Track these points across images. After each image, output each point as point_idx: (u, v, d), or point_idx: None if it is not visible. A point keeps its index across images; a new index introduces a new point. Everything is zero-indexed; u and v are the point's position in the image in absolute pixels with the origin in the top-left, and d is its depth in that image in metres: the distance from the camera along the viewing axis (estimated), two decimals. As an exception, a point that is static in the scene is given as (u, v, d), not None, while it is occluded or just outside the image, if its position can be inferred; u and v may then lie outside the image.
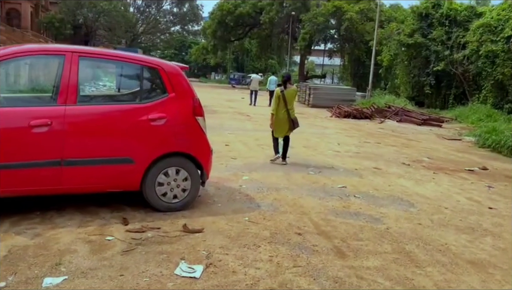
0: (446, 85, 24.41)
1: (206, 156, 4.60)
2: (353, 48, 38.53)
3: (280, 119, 7.69)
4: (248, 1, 45.29)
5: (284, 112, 7.65)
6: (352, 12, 36.71)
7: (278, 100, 7.62)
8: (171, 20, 65.75)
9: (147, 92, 4.38)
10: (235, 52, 63.93)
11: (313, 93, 23.66)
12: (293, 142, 10.13)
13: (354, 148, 10.11)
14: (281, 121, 7.71)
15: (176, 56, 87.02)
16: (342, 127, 14.91)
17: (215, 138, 9.84)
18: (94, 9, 48.52)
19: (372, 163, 8.21)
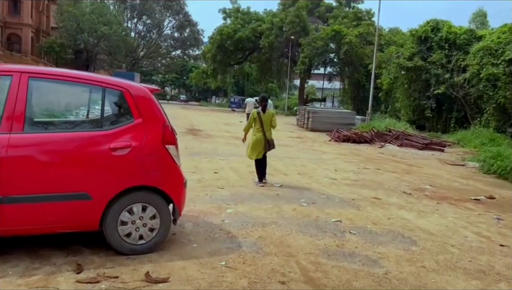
0: (447, 108, 23.99)
1: (178, 190, 4.05)
2: (352, 71, 38.43)
3: (256, 140, 7.71)
4: (248, 26, 45.53)
5: (261, 134, 7.68)
6: (351, 36, 36.74)
7: (254, 121, 7.71)
8: (172, 44, 66.30)
9: (110, 117, 3.86)
10: (235, 76, 64.10)
11: (312, 116, 23.23)
12: (287, 169, 9.64)
13: (352, 175, 9.55)
14: (257, 142, 7.71)
15: (177, 80, 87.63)
16: (341, 152, 14.37)
17: (204, 165, 9.37)
18: (95, 33, 48.81)
19: (370, 192, 7.63)
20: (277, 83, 61.29)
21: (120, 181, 3.68)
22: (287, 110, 47.34)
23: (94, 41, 50.39)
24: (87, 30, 48.59)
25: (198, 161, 9.80)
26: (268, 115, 7.83)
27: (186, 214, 5.20)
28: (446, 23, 25.05)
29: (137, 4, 60.01)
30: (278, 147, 14.51)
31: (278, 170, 9.42)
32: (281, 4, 47.57)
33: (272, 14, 45.14)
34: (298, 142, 16.48)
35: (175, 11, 62.46)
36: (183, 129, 18.47)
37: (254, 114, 7.73)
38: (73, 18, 48.70)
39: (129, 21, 62.31)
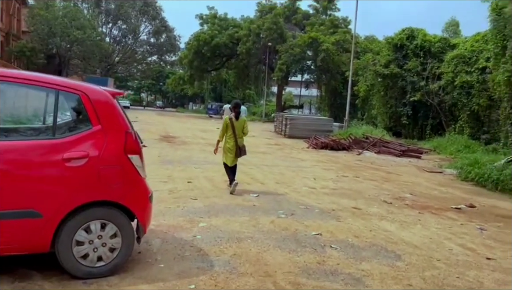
0: (423, 115, 24.22)
1: (142, 205, 3.64)
2: (329, 78, 38.57)
3: (230, 147, 7.71)
4: (225, 32, 45.25)
5: (233, 141, 7.69)
6: (328, 43, 36.90)
7: (227, 127, 7.70)
8: (148, 50, 65.31)
9: (64, 124, 3.43)
10: (212, 82, 63.68)
11: (289, 123, 23.03)
12: (265, 178, 9.29)
13: (331, 183, 9.28)
14: (230, 148, 7.71)
15: (154, 86, 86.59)
16: (319, 159, 14.14)
17: (178, 174, 8.92)
18: (67, 38, 47.51)
19: (350, 202, 7.36)
20: (255, 89, 61.18)
21: (75, 196, 3.25)
22: (265, 117, 47.18)
23: (67, 46, 49.04)
24: (59, 34, 47.24)
25: (171, 169, 9.36)
26: (241, 122, 7.80)
27: (154, 229, 4.79)
28: (421, 32, 25.37)
29: (112, 9, 58.93)
30: (255, 154, 14.24)
31: (255, 178, 9.07)
32: (258, 11, 47.54)
33: (249, 21, 45.02)
34: (276, 149, 16.19)
35: (151, 16, 61.57)
36: (157, 136, 17.95)
37: (226, 120, 7.71)
38: (44, 22, 47.32)
39: (103, 26, 61.09)
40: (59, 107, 3.30)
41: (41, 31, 48.07)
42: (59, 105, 3.30)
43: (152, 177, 8.02)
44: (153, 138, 16.91)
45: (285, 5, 46.18)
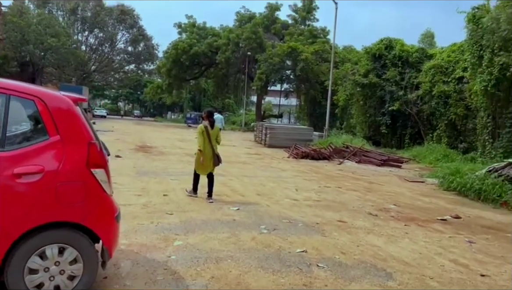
0: (401, 124, 24.35)
1: (107, 225, 3.22)
2: (309, 88, 38.63)
3: (205, 155, 7.60)
4: (204, 41, 44.96)
5: (209, 148, 7.62)
6: (307, 53, 37.01)
7: (203, 136, 7.58)
8: (126, 58, 64.35)
9: (16, 134, 3.01)
10: (191, 92, 63.15)
11: (269, 133, 22.76)
12: (245, 189, 8.92)
13: (314, 194, 8.97)
14: (206, 157, 7.61)
15: (132, 95, 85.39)
16: (300, 169, 13.86)
17: (153, 186, 8.45)
18: (41, 45, 46.29)
19: (335, 215, 7.05)
20: (234, 99, 60.95)
21: (28, 217, 2.81)
22: (245, 126, 46.89)
23: (41, 54, 47.76)
24: (32, 42, 45.97)
25: (146, 181, 8.88)
26: (215, 131, 7.79)
27: (124, 250, 4.36)
28: (398, 42, 25.63)
29: (88, 17, 57.88)
30: (235, 164, 13.87)
31: (235, 190, 8.68)
32: (237, 20, 47.47)
33: (228, 30, 44.86)
34: (256, 159, 15.85)
35: (128, 25, 60.77)
36: (133, 146, 17.38)
37: (201, 128, 7.61)
38: (17, 29, 46.01)
39: (79, 34, 59.92)
40: (9, 114, 2.87)
41: (14, 38, 46.71)
42: (9, 112, 2.87)
43: (125, 190, 7.56)
44: (129, 148, 16.34)
45: (264, 14, 46.26)
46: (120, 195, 6.99)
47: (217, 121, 23.70)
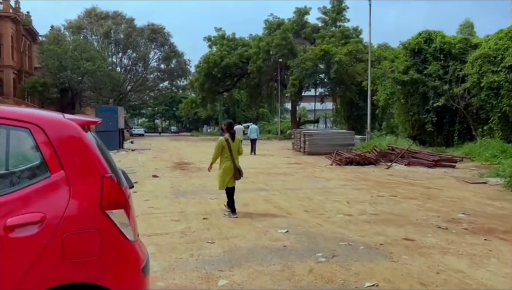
0: (448, 121, 22.85)
1: (132, 282, 2.49)
2: (344, 90, 37.48)
3: (225, 169, 7.26)
4: (234, 52, 44.72)
5: (230, 162, 7.27)
6: (340, 54, 35.94)
7: (222, 149, 7.26)
8: (159, 76, 65.46)
9: (7, 173, 2.38)
10: (225, 104, 63.15)
11: (308, 139, 21.86)
12: (291, 205, 8.12)
13: (369, 206, 8.05)
14: (226, 171, 7.25)
15: (167, 112, 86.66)
16: (347, 177, 12.91)
17: (192, 208, 7.80)
18: (78, 70, 47.61)
19: (398, 231, 6.13)
20: (268, 107, 60.37)
21: (26, 281, 2.15)
22: (281, 134, 46.11)
23: (78, 78, 49.14)
24: (70, 68, 47.39)
25: (185, 203, 8.26)
26: (237, 142, 7.48)
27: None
28: (438, 34, 24.18)
29: (121, 39, 59.28)
30: (276, 176, 13.11)
31: (280, 207, 7.89)
32: (266, 28, 47.01)
33: (258, 39, 44.40)
34: (297, 169, 15.03)
35: (160, 43, 61.79)
36: (170, 163, 16.99)
37: (222, 142, 7.29)
38: (55, 56, 47.61)
39: (113, 56, 61.46)
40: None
41: (52, 66, 48.37)
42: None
43: (161, 215, 6.96)
44: (166, 166, 15.94)
45: (293, 20, 45.53)
46: (156, 222, 6.38)
47: (252, 131, 23.41)
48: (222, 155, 7.30)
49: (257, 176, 12.74)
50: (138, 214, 7.06)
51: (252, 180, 11.87)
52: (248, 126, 27.67)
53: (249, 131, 23.71)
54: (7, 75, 49.22)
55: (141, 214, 7.10)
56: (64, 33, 56.73)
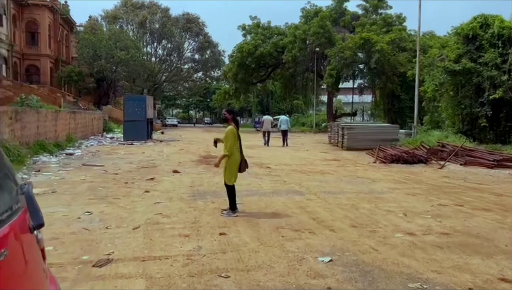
0: (506, 115, 20.36)
1: None
2: (385, 81, 35.11)
3: (236, 160, 6.53)
4: (269, 41, 42.99)
5: (239, 153, 6.60)
6: (382, 43, 33.56)
7: (234, 138, 6.52)
8: (193, 67, 64.72)
9: None
10: (259, 95, 61.63)
11: (347, 133, 20.00)
12: (333, 216, 6.47)
13: (432, 221, 6.30)
14: (237, 163, 6.53)
15: (201, 103, 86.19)
16: (395, 177, 11.10)
17: (207, 218, 6.09)
18: (112, 59, 47.34)
19: (488, 264, 4.39)
20: (303, 99, 58.37)
21: None
22: (315, 127, 44.15)
23: (112, 67, 48.92)
24: (104, 56, 47.23)
25: (201, 209, 6.78)
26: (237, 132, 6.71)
27: None
28: (496, 18, 21.55)
29: (156, 29, 58.81)
30: (313, 175, 11.44)
31: (320, 219, 6.27)
32: (302, 17, 44.98)
33: (294, 27, 42.42)
34: (336, 167, 13.30)
35: (194, 33, 60.94)
36: (196, 157, 15.64)
37: (233, 130, 6.56)
38: (89, 45, 47.58)
39: (148, 46, 61.14)
40: None
41: (87, 55, 48.36)
42: None
43: (169, 227, 5.49)
44: (191, 160, 14.61)
45: (331, 7, 43.25)
46: (158, 238, 4.95)
47: (282, 123, 22.13)
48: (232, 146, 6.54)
49: (290, 175, 11.14)
50: (139, 225, 5.63)
51: (285, 179, 10.30)
52: (278, 118, 26.37)
53: (279, 122, 23.09)
54: (44, 64, 49.67)
55: (144, 224, 5.69)
56: (101, 23, 56.84)
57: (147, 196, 7.77)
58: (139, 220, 5.85)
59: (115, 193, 7.98)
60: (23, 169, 10.52)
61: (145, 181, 9.55)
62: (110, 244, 4.72)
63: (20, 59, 47.67)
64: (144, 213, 6.33)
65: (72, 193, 7.82)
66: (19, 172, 9.93)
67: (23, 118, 13.09)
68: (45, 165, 11.79)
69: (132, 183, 9.23)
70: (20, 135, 12.83)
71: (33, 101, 17.06)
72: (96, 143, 21.32)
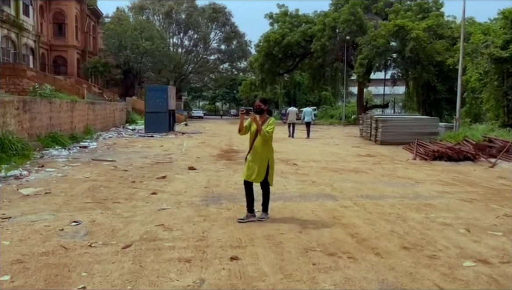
0: (559, 107, 18.35)
1: None
2: (420, 71, 32.99)
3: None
4: (297, 30, 41.32)
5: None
6: (418, 30, 31.40)
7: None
8: (220, 58, 63.74)
9: None
10: (286, 86, 60.04)
11: (381, 126, 18.42)
12: (377, 230, 5.12)
13: (507, 242, 4.89)
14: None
15: (228, 95, 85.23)
16: (441, 178, 9.61)
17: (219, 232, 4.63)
18: (137, 50, 46.80)
19: None
20: (331, 90, 56.44)
21: None
22: (345, 120, 42.36)
23: (137, 58, 48.40)
24: (129, 47, 46.74)
25: (213, 219, 5.58)
26: None
27: None
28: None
29: (182, 19, 58.04)
30: (346, 174, 9.97)
31: (359, 236, 4.95)
32: (332, 4, 43.05)
33: (323, 15, 40.58)
34: (371, 164, 11.87)
35: (221, 23, 59.85)
36: (217, 151, 14.50)
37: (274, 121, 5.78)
38: (115, 36, 47.19)
39: (175, 37, 60.49)
40: None
41: (112, 45, 48.01)
42: None
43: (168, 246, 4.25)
44: (211, 154, 13.47)
45: (363, -6, 41.13)
46: (151, 264, 3.77)
47: (306, 114, 21.16)
48: (271, 139, 5.72)
49: (320, 174, 9.82)
50: (132, 241, 4.33)
51: (314, 179, 8.99)
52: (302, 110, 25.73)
53: (303, 114, 22.96)
54: (71, 55, 49.72)
55: (139, 240, 4.55)
56: (128, 14, 56.51)
57: (152, 199, 6.66)
58: (133, 235, 4.72)
59: (117, 195, 6.91)
60: (26, 165, 9.63)
61: (155, 180, 8.46)
62: (86, 273, 3.60)
63: (47, 50, 47.83)
64: (143, 223, 5.20)
65: (67, 195, 6.79)
66: (19, 168, 9.04)
67: (33, 108, 12.26)
68: (52, 160, 10.89)
69: (140, 182, 8.15)
70: (29, 127, 12.00)
71: (46, 91, 16.28)
72: (115, 135, 20.53)
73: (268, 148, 5.71)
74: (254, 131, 5.65)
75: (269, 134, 5.58)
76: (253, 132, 5.68)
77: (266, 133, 5.53)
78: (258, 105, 5.72)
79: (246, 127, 5.74)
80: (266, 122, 5.63)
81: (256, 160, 5.62)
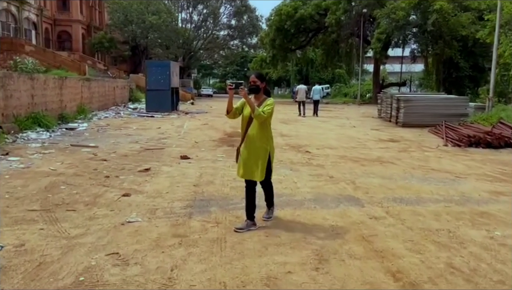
0: None
1: None
2: (442, 47, 30.72)
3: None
4: (310, 2, 38.96)
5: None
6: (441, 1, 29.00)
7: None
8: (230, 34, 61.48)
9: None
10: (298, 63, 57.76)
11: (404, 106, 16.58)
12: (427, 258, 3.37)
13: None
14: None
15: (238, 72, 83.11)
16: (486, 171, 7.89)
17: (196, 268, 3.38)
18: (143, 24, 44.87)
19: None
20: (346, 68, 54.11)
21: None
22: (360, 98, 40.29)
23: (144, 33, 46.47)
24: (135, 21, 44.81)
25: (191, 243, 3.97)
26: None
27: None
28: None
29: (191, -8, 55.80)
30: (368, 164, 8.40)
31: (402, 274, 3.35)
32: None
33: (339, -14, 38.09)
34: (397, 151, 10.16)
35: (231, -4, 57.44)
36: (220, 135, 12.89)
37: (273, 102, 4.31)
38: (120, 10, 45.25)
39: (183, 12, 58.28)
40: None
41: (117, 20, 46.15)
42: None
43: None
44: (212, 138, 11.88)
45: (381, -37, 38.41)
46: None
47: (315, 92, 19.78)
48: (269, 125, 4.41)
49: (338, 165, 8.15)
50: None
51: (331, 174, 7.34)
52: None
53: (312, 92, 22.62)
54: (76, 30, 48.11)
55: (70, 286, 3.00)
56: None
57: (121, 204, 5.11)
58: (66, 275, 3.17)
59: (78, 197, 5.39)
60: (-12, 151, 8.17)
61: (136, 173, 6.92)
62: None
63: (51, 25, 46.25)
64: (90, 250, 3.66)
65: (12, 197, 5.28)
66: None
67: (8, 85, 10.74)
68: (24, 145, 9.41)
69: (116, 177, 6.62)
70: (3, 106, 10.51)
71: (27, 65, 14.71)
72: (112, 115, 19.03)
73: (268, 137, 4.29)
74: (247, 115, 4.12)
75: (265, 115, 4.10)
76: (246, 117, 4.17)
77: (261, 113, 4.06)
78: (253, 81, 4.23)
79: (237, 108, 4.22)
80: (263, 105, 4.20)
81: (252, 153, 4.14)
